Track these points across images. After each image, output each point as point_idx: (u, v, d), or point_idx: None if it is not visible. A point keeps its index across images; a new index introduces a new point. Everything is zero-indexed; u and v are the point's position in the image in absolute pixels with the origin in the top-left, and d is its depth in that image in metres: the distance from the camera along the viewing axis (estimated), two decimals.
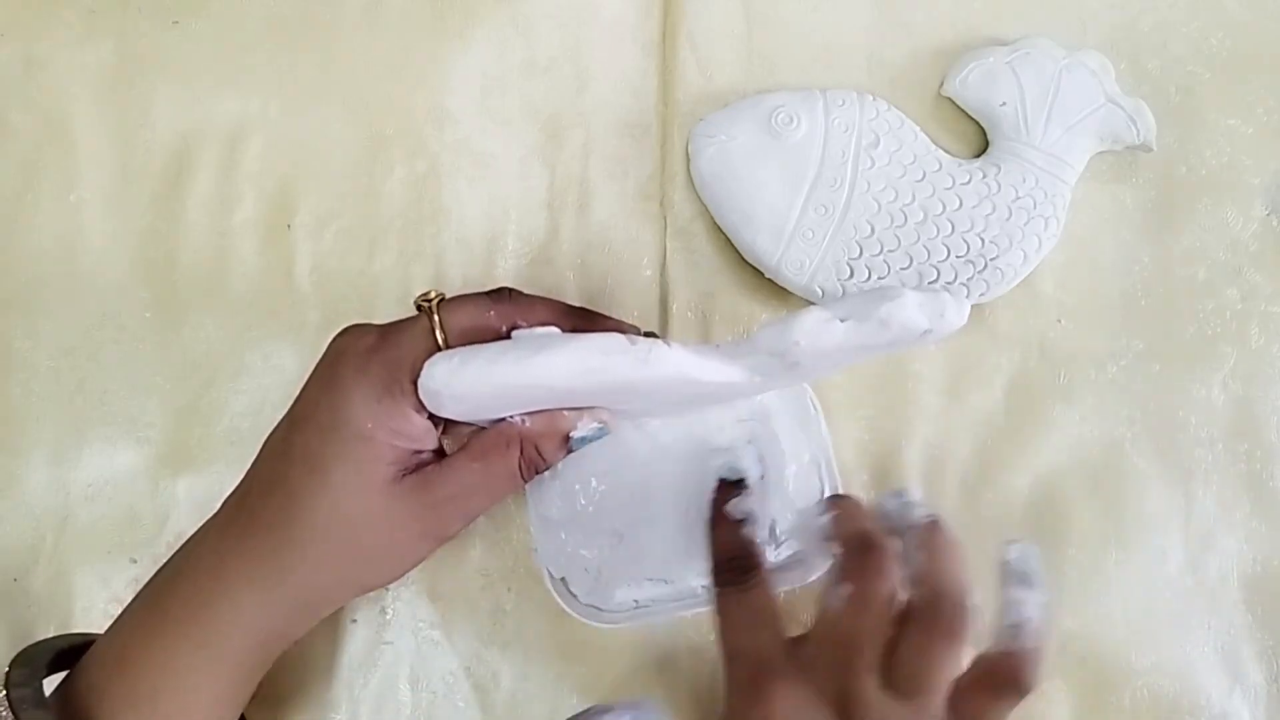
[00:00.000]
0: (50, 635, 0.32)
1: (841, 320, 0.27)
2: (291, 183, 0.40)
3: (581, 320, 0.32)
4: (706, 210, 0.39)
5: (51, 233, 0.39)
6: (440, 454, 0.32)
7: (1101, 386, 0.39)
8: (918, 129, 0.39)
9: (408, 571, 0.32)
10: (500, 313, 0.31)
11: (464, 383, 0.27)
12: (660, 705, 0.31)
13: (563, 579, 0.35)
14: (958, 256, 0.38)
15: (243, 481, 0.31)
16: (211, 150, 0.40)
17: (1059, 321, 0.40)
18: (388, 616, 0.37)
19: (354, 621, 0.37)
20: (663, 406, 0.33)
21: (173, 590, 0.30)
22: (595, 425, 0.31)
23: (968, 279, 0.38)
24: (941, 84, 0.41)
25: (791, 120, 0.38)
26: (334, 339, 0.31)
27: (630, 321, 0.34)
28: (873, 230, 0.38)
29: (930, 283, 0.37)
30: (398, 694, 0.37)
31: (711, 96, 0.41)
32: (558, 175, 0.40)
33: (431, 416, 0.30)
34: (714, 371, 0.29)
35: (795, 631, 0.30)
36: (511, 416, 0.30)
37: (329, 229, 0.40)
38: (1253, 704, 0.37)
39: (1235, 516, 0.39)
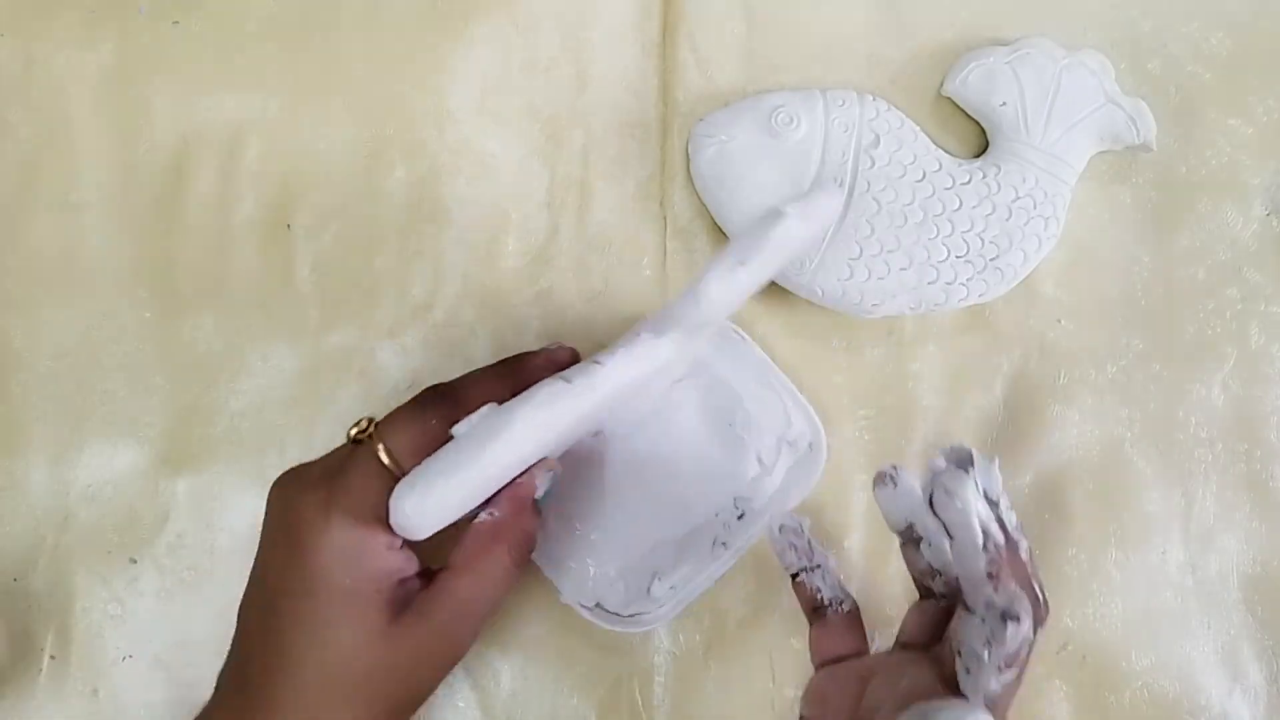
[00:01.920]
0: (50, 635, 0.32)
1: (742, 264, 0.28)
2: (291, 183, 0.40)
3: (511, 374, 0.31)
4: (706, 210, 0.39)
5: (51, 232, 0.39)
6: (424, 572, 0.30)
7: (1101, 386, 0.39)
8: (918, 129, 0.39)
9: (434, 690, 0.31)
10: (439, 416, 0.29)
11: (435, 506, 0.27)
12: None
13: (597, 604, 0.35)
14: (958, 256, 0.38)
15: (232, 656, 0.30)
16: (211, 150, 0.40)
17: (1059, 321, 0.40)
18: None
19: None
20: (612, 411, 0.34)
21: None
22: (549, 475, 0.30)
23: (967, 279, 0.38)
24: (941, 84, 0.41)
25: (791, 120, 0.38)
26: (276, 490, 0.30)
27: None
28: (873, 230, 0.38)
29: (930, 283, 0.37)
30: None
31: (711, 96, 0.41)
32: (558, 175, 0.40)
33: (405, 542, 0.29)
34: (648, 360, 0.29)
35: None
36: (479, 514, 0.29)
37: (329, 229, 0.40)
38: (1253, 704, 0.37)
39: (1235, 516, 0.39)
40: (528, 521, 0.30)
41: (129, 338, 0.39)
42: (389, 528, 0.28)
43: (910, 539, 0.30)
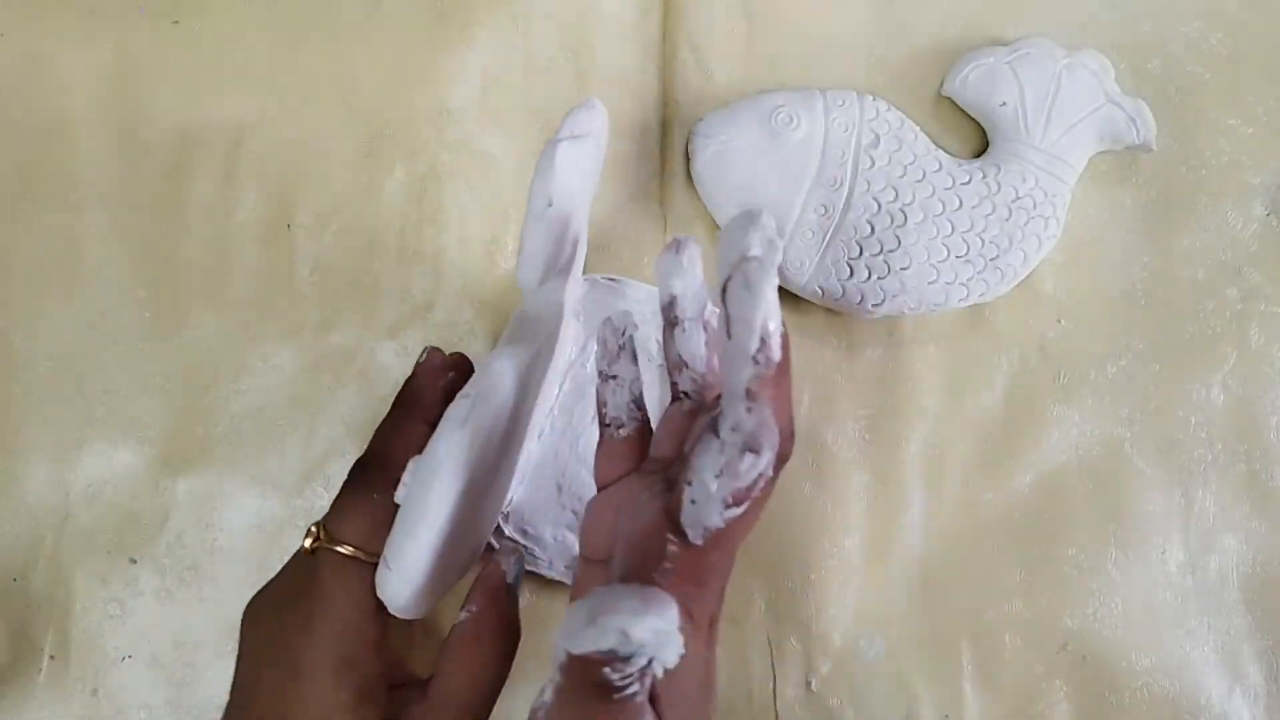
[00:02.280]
0: (49, 635, 0.32)
1: (546, 202, 0.28)
2: (291, 183, 0.40)
3: (412, 411, 0.30)
4: (706, 210, 0.39)
5: (51, 232, 0.39)
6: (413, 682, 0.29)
7: (1101, 386, 0.39)
8: (918, 129, 0.39)
9: None
10: (379, 490, 0.28)
11: (414, 573, 0.26)
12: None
13: None
14: (957, 257, 0.38)
15: None
16: (211, 150, 0.40)
17: (1059, 321, 0.40)
18: None
19: None
20: (546, 399, 0.34)
21: None
22: (514, 559, 0.29)
23: (968, 279, 0.38)
24: (941, 84, 0.41)
25: (791, 120, 0.38)
26: (248, 616, 0.28)
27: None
28: (873, 230, 0.38)
29: (930, 283, 0.37)
30: None
31: (711, 96, 0.41)
32: None
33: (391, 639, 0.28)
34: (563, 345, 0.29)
35: None
36: (460, 616, 0.28)
37: (329, 229, 0.40)
38: (1253, 704, 0.37)
39: (1235, 516, 0.39)
40: (505, 608, 0.28)
41: (129, 338, 0.39)
42: (373, 626, 0.27)
43: (669, 320, 0.27)
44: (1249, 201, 0.41)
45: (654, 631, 0.19)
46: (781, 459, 0.23)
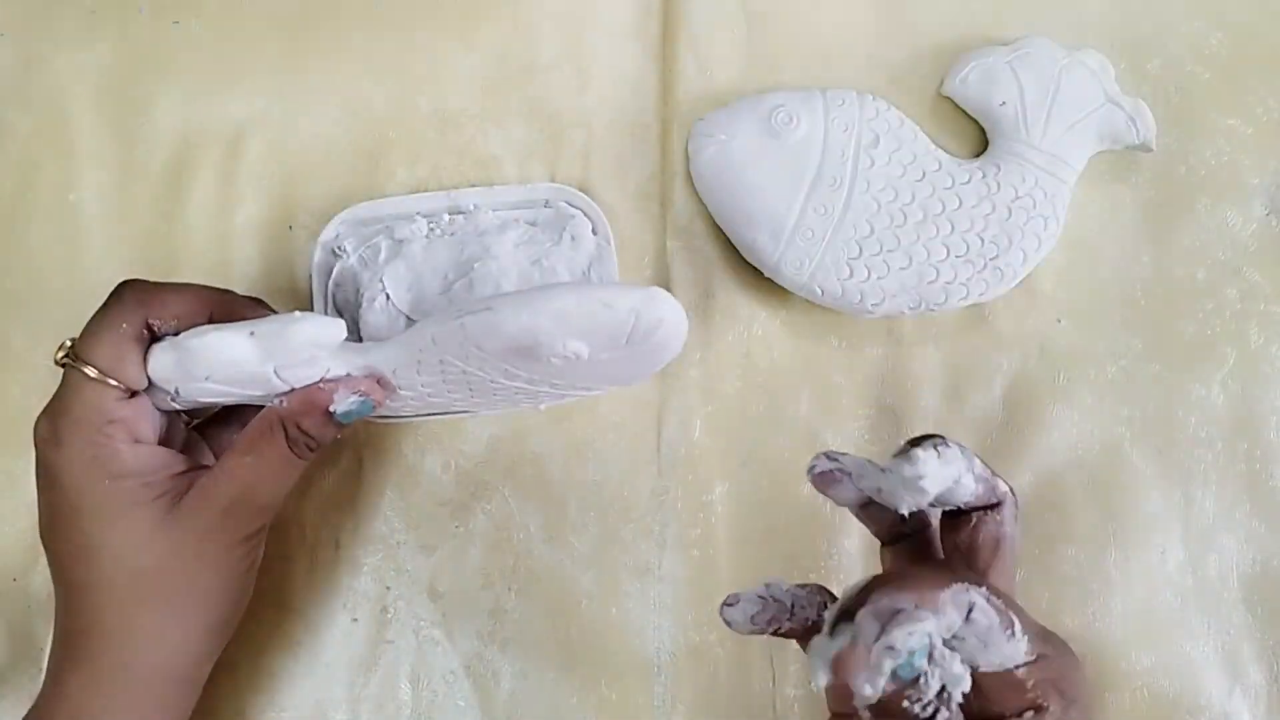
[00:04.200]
0: (50, 636, 0.32)
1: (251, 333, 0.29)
2: (293, 184, 0.40)
3: (215, 303, 0.32)
4: (706, 210, 0.39)
5: (51, 233, 0.39)
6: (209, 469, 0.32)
7: (1101, 386, 0.39)
8: (917, 129, 0.39)
9: (248, 592, 0.32)
10: (129, 321, 0.30)
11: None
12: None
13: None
14: (957, 256, 0.38)
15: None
16: (212, 151, 0.40)
17: (1059, 321, 0.40)
18: (388, 615, 0.37)
19: (355, 621, 0.37)
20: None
21: None
22: (355, 398, 0.30)
23: (967, 279, 0.38)
24: (941, 84, 0.41)
25: (791, 120, 0.38)
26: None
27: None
28: (872, 230, 0.38)
29: (930, 283, 0.37)
30: (398, 693, 0.37)
31: (711, 96, 0.41)
32: (558, 175, 0.40)
33: (164, 441, 0.31)
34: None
35: None
36: (273, 400, 0.30)
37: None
38: (1253, 704, 0.37)
39: (1235, 516, 0.39)
40: (312, 423, 0.30)
41: None
42: (122, 429, 0.30)
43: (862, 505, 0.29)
44: (1249, 201, 0.41)
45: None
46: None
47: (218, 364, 0.29)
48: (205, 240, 0.39)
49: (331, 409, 0.30)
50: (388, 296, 0.36)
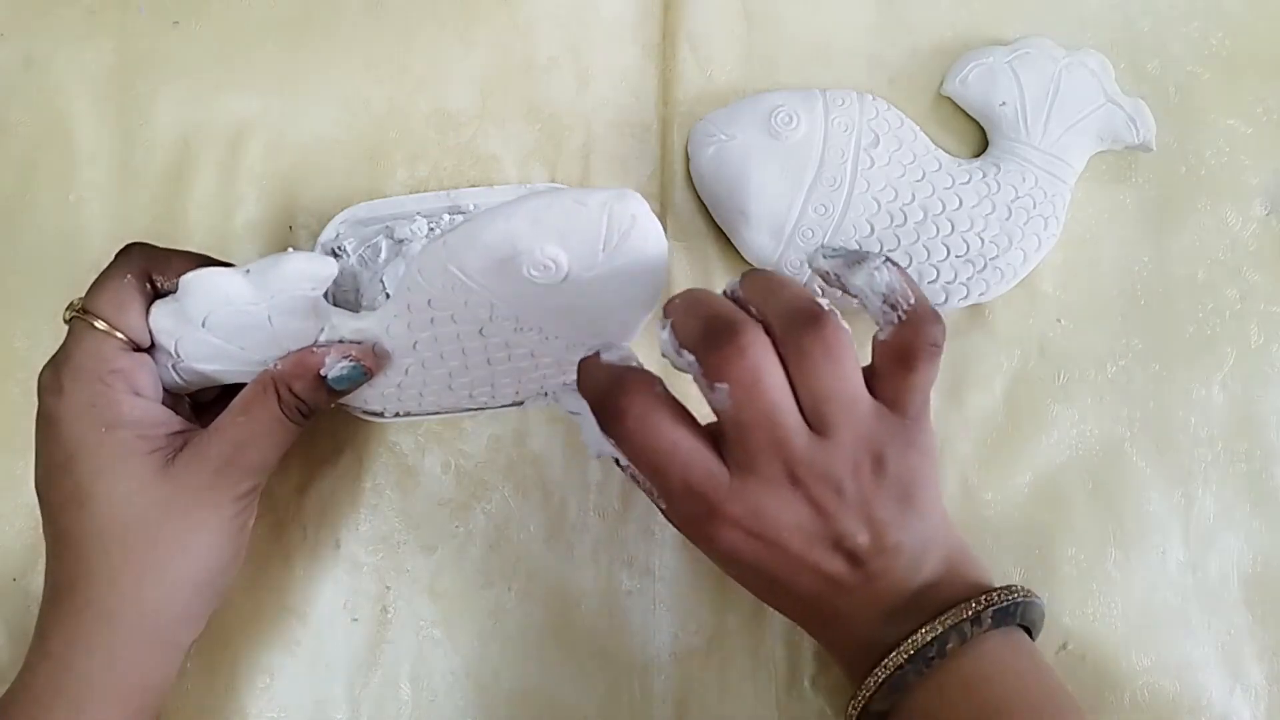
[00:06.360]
0: None
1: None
2: (293, 184, 0.40)
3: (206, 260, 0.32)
4: (706, 210, 0.39)
5: (51, 232, 0.39)
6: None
7: (1101, 386, 0.39)
8: (917, 129, 0.39)
9: (238, 556, 0.32)
10: (134, 274, 0.31)
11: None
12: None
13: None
14: (957, 256, 0.38)
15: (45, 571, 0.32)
16: (212, 151, 0.40)
17: (1059, 321, 0.40)
18: (389, 615, 0.37)
19: (355, 620, 0.37)
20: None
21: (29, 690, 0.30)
22: (346, 364, 0.31)
23: (967, 279, 0.38)
24: (941, 84, 0.41)
25: (791, 120, 0.38)
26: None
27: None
28: (872, 230, 0.38)
29: (930, 283, 0.37)
30: (398, 693, 0.37)
31: (711, 96, 0.41)
32: (558, 175, 0.40)
33: (167, 398, 0.32)
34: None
35: None
36: (270, 365, 0.31)
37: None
38: (1253, 704, 0.37)
39: (1235, 516, 0.39)
40: (304, 387, 0.31)
41: None
42: (122, 379, 0.30)
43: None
44: (1249, 201, 0.41)
45: None
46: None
47: (214, 301, 0.29)
48: (205, 240, 0.39)
49: (323, 373, 0.31)
50: (388, 296, 0.36)
